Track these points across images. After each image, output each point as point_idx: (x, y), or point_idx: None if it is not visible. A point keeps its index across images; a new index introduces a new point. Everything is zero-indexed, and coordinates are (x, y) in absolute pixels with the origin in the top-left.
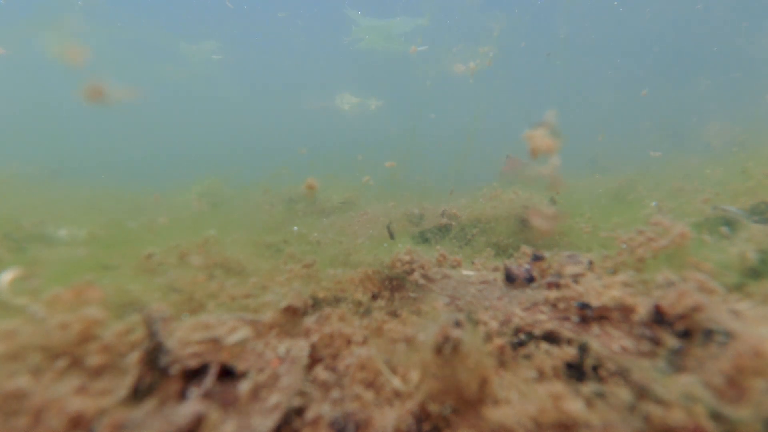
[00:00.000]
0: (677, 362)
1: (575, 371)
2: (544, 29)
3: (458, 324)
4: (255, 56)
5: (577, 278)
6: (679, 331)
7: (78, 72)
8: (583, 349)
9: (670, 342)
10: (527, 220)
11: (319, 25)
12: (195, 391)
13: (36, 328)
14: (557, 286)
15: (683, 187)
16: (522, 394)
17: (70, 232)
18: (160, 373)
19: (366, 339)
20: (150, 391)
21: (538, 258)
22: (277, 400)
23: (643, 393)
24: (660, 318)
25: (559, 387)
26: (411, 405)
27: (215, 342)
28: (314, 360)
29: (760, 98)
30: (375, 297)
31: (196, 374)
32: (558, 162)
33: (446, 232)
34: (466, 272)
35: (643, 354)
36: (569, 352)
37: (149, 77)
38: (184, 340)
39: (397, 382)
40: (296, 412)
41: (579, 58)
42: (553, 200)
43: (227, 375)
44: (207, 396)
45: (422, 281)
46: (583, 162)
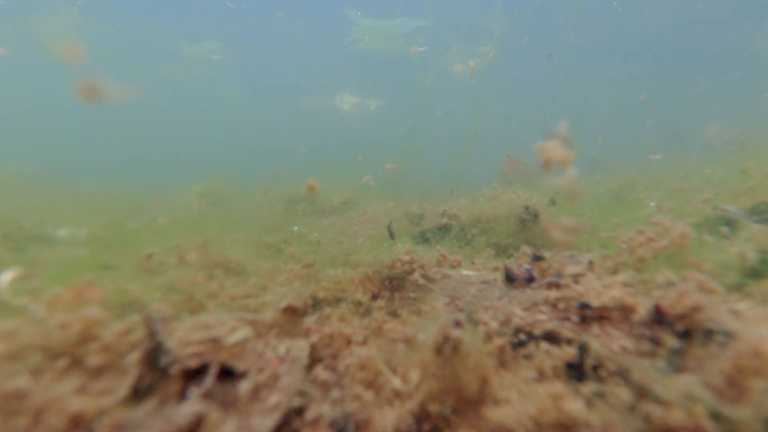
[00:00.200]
0: (677, 362)
1: (575, 371)
2: (544, 29)
3: (458, 324)
4: (255, 56)
5: (577, 278)
6: (679, 331)
7: (77, 71)
8: (583, 349)
9: (670, 342)
10: (548, 230)
11: (319, 26)
12: (195, 391)
13: (36, 328)
14: (557, 286)
15: (683, 187)
16: (522, 394)
17: (70, 232)
18: (160, 373)
19: (366, 339)
20: (150, 391)
21: (538, 258)
22: (277, 400)
23: (643, 393)
24: (660, 318)
25: (559, 387)
26: (411, 405)
27: (215, 342)
28: (314, 360)
29: (760, 98)
30: (375, 297)
31: (196, 374)
32: (575, 173)
33: (446, 232)
34: (466, 272)
35: (643, 354)
36: (569, 352)
37: (149, 77)
38: (184, 340)
39: (397, 382)
40: (296, 412)
41: (579, 58)
42: (553, 201)
43: (227, 375)
44: (207, 396)
45: (422, 281)
46: (583, 162)
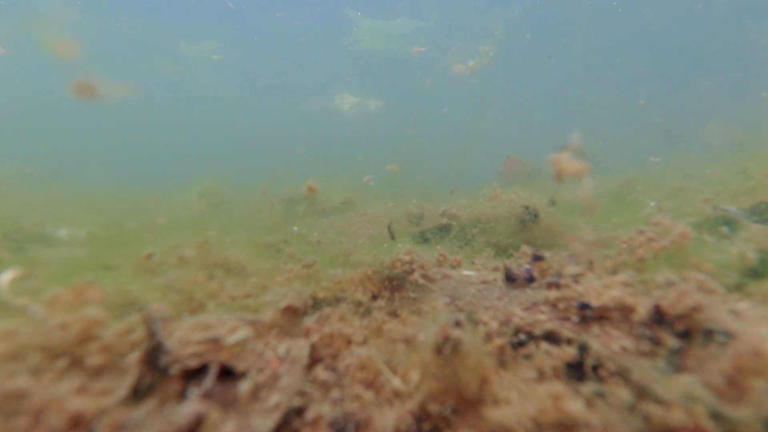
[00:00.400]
0: (677, 362)
1: (575, 371)
2: (545, 29)
3: (458, 324)
4: (255, 56)
5: (577, 278)
6: (679, 331)
7: (76, 70)
8: (583, 349)
9: (670, 342)
10: (569, 244)
11: (319, 26)
12: (195, 391)
13: (36, 328)
14: (557, 286)
15: (683, 187)
16: (522, 394)
17: (70, 232)
18: (160, 373)
19: (366, 339)
20: (150, 391)
21: (538, 258)
22: (277, 400)
23: (643, 393)
24: (660, 318)
25: (559, 387)
26: (411, 405)
27: (215, 342)
28: (314, 360)
29: (759, 97)
30: (375, 297)
31: (196, 374)
32: (592, 185)
33: (446, 232)
34: (466, 272)
35: (643, 354)
36: (569, 352)
37: (149, 77)
38: (184, 340)
39: (397, 382)
40: (296, 412)
41: (579, 58)
42: (553, 201)
43: (227, 375)
44: (207, 396)
45: (422, 281)
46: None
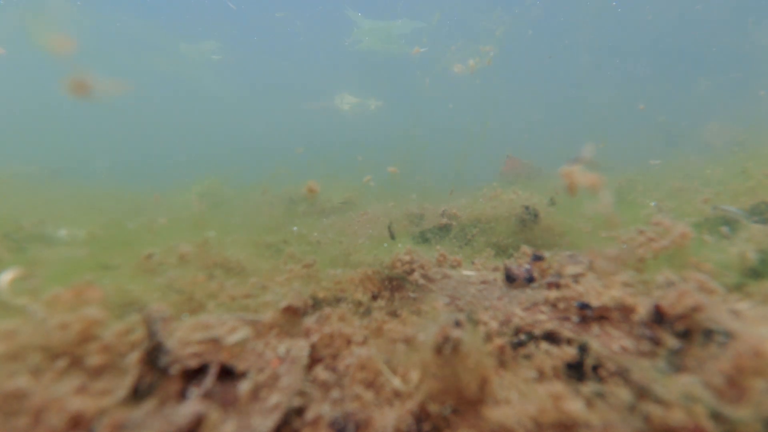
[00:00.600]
0: (677, 362)
1: (575, 371)
2: (544, 30)
3: (458, 324)
4: (255, 56)
5: (577, 278)
6: (679, 331)
7: (73, 68)
8: (583, 349)
9: (670, 342)
10: (592, 260)
11: (319, 26)
12: (195, 391)
13: (36, 328)
14: (557, 286)
15: (683, 187)
16: (522, 394)
17: (70, 232)
18: (160, 373)
19: (366, 339)
20: (150, 391)
21: (538, 258)
22: (277, 400)
23: (643, 393)
24: (660, 318)
25: (559, 387)
26: (411, 405)
27: (215, 342)
28: (314, 360)
29: (758, 97)
30: (375, 297)
31: (196, 374)
32: (610, 198)
33: (446, 232)
34: (466, 272)
35: (643, 354)
36: (569, 352)
37: (148, 77)
38: (184, 340)
39: (397, 382)
40: (296, 412)
41: (578, 58)
42: (553, 201)
43: (227, 375)
44: (207, 396)
45: (422, 281)
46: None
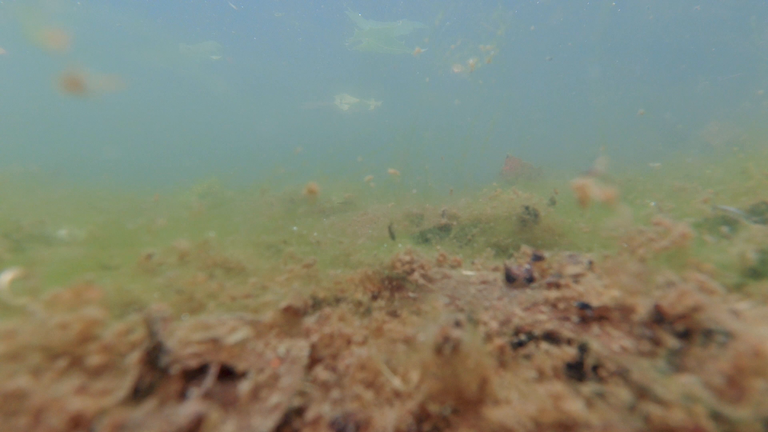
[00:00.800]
0: (677, 362)
1: (575, 371)
2: (544, 30)
3: (458, 324)
4: (254, 56)
5: (577, 278)
6: (679, 331)
7: (69, 66)
8: (583, 349)
9: (670, 342)
10: (611, 275)
11: (319, 27)
12: (195, 391)
13: (36, 328)
14: (557, 286)
15: (683, 187)
16: (522, 394)
17: (69, 232)
18: (160, 373)
19: (366, 339)
20: (150, 391)
21: (538, 258)
22: (277, 400)
23: (643, 393)
24: (660, 318)
25: (559, 387)
26: (411, 405)
27: (215, 342)
28: (314, 360)
29: (757, 96)
30: (375, 297)
31: (196, 374)
32: (628, 212)
33: (446, 232)
34: (466, 272)
35: (643, 354)
36: (569, 352)
37: (148, 77)
38: (184, 340)
39: (397, 382)
40: (296, 412)
41: (578, 58)
42: (553, 201)
43: (227, 375)
44: (207, 396)
45: (422, 281)
46: (583, 162)
